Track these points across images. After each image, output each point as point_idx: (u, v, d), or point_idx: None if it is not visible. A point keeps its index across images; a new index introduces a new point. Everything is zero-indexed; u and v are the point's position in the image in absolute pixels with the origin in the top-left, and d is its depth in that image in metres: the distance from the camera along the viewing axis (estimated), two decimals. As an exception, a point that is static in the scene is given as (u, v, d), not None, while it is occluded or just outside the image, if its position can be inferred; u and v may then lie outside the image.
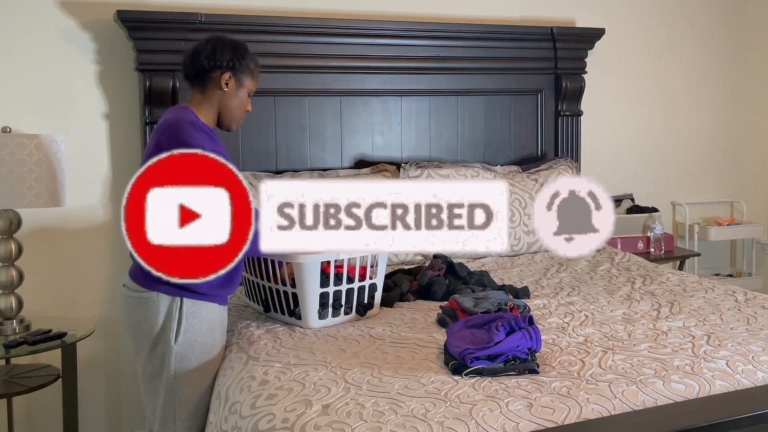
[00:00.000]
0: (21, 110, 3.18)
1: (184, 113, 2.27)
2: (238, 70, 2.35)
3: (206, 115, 2.35)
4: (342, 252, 2.50)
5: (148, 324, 2.24)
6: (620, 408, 1.79)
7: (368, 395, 1.84)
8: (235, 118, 2.40)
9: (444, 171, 3.60)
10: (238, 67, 2.34)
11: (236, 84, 2.35)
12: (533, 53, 3.96)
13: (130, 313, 2.29)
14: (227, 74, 2.33)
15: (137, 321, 2.27)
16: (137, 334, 2.28)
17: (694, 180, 4.61)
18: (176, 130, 2.18)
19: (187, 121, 2.21)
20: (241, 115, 2.41)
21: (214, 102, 2.35)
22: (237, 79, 2.35)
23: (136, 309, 2.26)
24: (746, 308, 2.61)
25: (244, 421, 1.86)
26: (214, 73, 2.33)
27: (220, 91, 2.34)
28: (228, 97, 2.35)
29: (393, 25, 3.67)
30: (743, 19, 4.65)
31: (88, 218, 3.32)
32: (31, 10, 3.20)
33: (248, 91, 2.40)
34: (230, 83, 2.34)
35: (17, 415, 3.15)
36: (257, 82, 2.44)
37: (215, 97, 2.35)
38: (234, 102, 2.37)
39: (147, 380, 2.31)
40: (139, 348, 2.30)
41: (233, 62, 2.33)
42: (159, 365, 2.25)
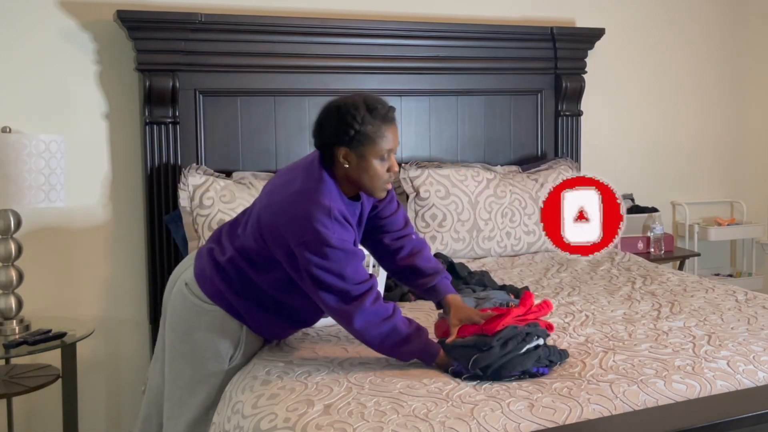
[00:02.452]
0: (21, 110, 3.18)
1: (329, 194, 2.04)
2: (351, 142, 2.04)
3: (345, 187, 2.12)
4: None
5: (202, 336, 2.16)
6: (621, 408, 1.79)
7: (370, 395, 1.84)
8: (375, 187, 2.10)
9: (444, 171, 3.60)
10: (350, 139, 2.04)
11: (356, 156, 2.05)
12: (533, 53, 3.96)
13: (188, 319, 2.19)
14: (342, 150, 2.05)
15: (190, 328, 2.18)
16: (189, 342, 2.19)
17: (694, 180, 4.61)
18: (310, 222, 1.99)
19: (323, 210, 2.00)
20: (379, 183, 2.09)
21: (341, 174, 2.10)
22: (356, 152, 2.05)
23: (193, 316, 2.18)
24: (746, 308, 2.61)
25: (246, 421, 1.86)
26: (332, 149, 2.08)
27: (344, 166, 2.08)
28: (352, 170, 2.07)
29: (393, 25, 3.67)
30: (743, 19, 4.65)
31: (88, 218, 3.32)
32: (31, 10, 3.20)
33: (378, 156, 2.06)
34: (350, 158, 2.06)
35: (17, 415, 3.15)
36: (390, 141, 2.07)
37: (343, 171, 2.09)
38: (361, 174, 2.07)
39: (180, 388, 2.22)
40: (184, 354, 2.20)
41: (341, 136, 2.04)
42: (202, 381, 2.18)
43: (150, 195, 3.28)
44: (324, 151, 2.11)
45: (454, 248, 3.45)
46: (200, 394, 2.19)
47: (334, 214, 2.00)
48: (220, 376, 2.17)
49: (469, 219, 3.51)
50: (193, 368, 2.19)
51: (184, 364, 2.20)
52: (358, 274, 2.03)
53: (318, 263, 1.99)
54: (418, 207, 3.50)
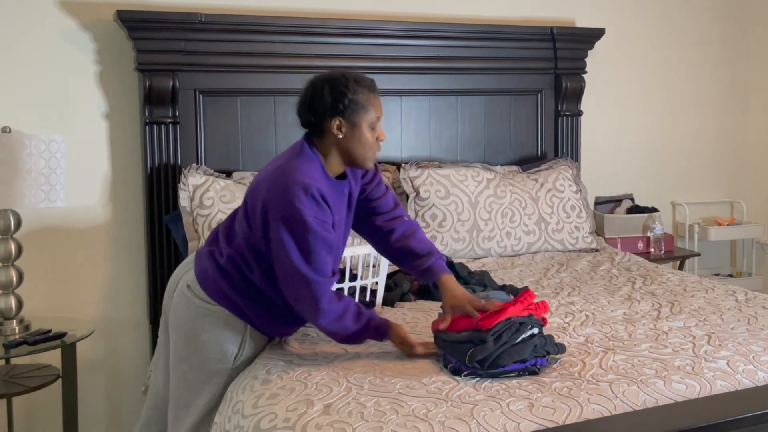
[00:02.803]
0: (21, 110, 3.18)
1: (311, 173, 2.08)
2: (345, 111, 2.12)
3: (331, 162, 2.17)
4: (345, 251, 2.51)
5: (212, 340, 2.17)
6: (621, 408, 1.79)
7: (370, 395, 1.84)
8: (366, 156, 2.18)
9: (444, 171, 3.60)
10: (344, 108, 2.11)
11: (350, 125, 2.13)
12: (533, 53, 3.96)
13: (187, 318, 2.20)
14: (336, 120, 2.12)
15: (198, 332, 2.18)
16: (193, 343, 2.19)
17: (694, 180, 4.61)
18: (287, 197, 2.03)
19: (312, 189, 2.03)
20: (370, 152, 2.18)
21: (333, 147, 2.15)
22: (349, 121, 2.13)
23: (197, 318, 2.18)
24: (746, 308, 2.61)
25: (246, 421, 1.86)
26: (324, 123, 2.13)
27: (335, 137, 2.14)
28: (345, 140, 2.14)
29: (393, 25, 3.67)
30: (743, 19, 4.65)
31: (88, 218, 3.32)
32: (31, 10, 3.20)
33: (369, 124, 2.16)
34: (344, 128, 2.13)
35: (17, 415, 3.15)
36: (377, 109, 2.19)
37: (333, 142, 2.15)
38: (354, 143, 2.14)
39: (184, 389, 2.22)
40: (188, 356, 2.21)
41: (336, 106, 2.11)
42: (206, 380, 2.19)
43: (150, 195, 3.28)
44: (314, 126, 2.16)
45: (454, 248, 3.45)
46: (206, 394, 2.19)
47: (311, 191, 2.03)
48: (225, 376, 2.17)
49: (469, 219, 3.51)
50: (199, 369, 2.19)
51: (190, 365, 2.20)
52: (324, 264, 2.06)
53: (288, 237, 2.02)
54: (418, 207, 3.50)
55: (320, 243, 2.04)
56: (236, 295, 2.16)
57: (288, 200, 2.02)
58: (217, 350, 2.17)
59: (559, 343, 2.09)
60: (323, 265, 2.06)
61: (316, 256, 2.04)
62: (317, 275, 2.04)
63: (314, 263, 2.04)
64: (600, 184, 4.28)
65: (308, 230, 2.01)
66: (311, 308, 2.07)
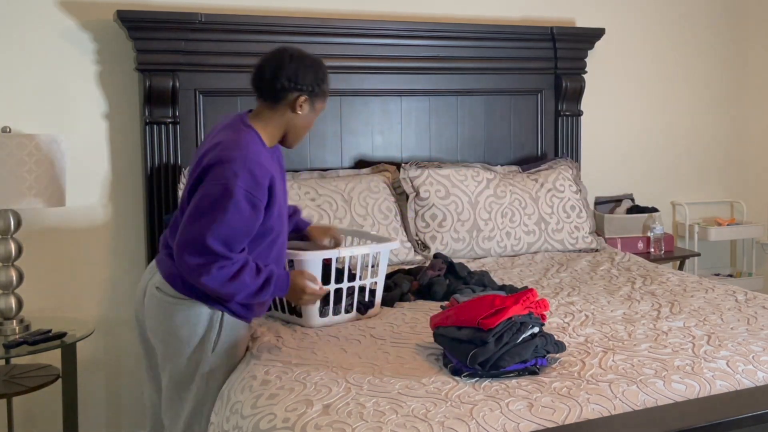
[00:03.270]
0: (21, 110, 3.18)
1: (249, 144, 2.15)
2: (314, 93, 2.25)
3: (271, 134, 2.26)
4: (343, 251, 2.51)
5: (187, 331, 2.20)
6: (620, 408, 1.79)
7: (369, 395, 1.84)
8: (300, 138, 2.32)
9: (444, 171, 3.60)
10: (316, 91, 2.25)
11: (309, 107, 2.26)
12: (533, 53, 3.96)
13: (164, 317, 2.23)
14: (303, 97, 2.23)
15: (173, 327, 2.21)
16: (170, 339, 2.22)
17: (694, 180, 4.61)
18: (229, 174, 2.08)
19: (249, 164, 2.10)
20: (304, 136, 2.33)
21: (282, 121, 2.25)
22: (311, 103, 2.26)
23: (173, 314, 2.21)
24: (746, 308, 2.61)
25: (245, 421, 1.86)
26: (291, 95, 2.22)
27: (293, 112, 2.24)
28: (299, 118, 2.25)
29: (393, 25, 3.67)
30: (743, 19, 4.65)
31: (88, 218, 3.32)
32: (31, 10, 3.20)
33: (319, 112, 2.32)
34: (304, 106, 2.24)
35: (17, 415, 3.15)
36: (326, 103, 2.35)
37: (285, 117, 2.25)
38: (303, 124, 2.27)
39: (174, 387, 2.25)
40: (171, 353, 2.24)
41: (313, 86, 2.23)
42: (191, 372, 2.21)
43: (150, 195, 3.28)
44: (274, 93, 2.22)
45: (454, 248, 3.45)
46: (194, 386, 2.22)
47: (249, 166, 2.09)
48: (206, 366, 2.20)
49: (469, 219, 3.51)
50: (182, 364, 2.22)
51: (174, 363, 2.24)
52: (233, 239, 2.08)
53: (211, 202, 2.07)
54: (418, 207, 3.50)
55: (241, 218, 2.08)
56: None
57: (224, 171, 2.08)
58: (193, 341, 2.20)
59: (559, 341, 2.09)
60: (235, 240, 2.09)
61: (231, 230, 2.07)
62: (223, 247, 2.07)
63: (226, 236, 2.07)
64: (600, 184, 4.28)
65: (234, 203, 2.06)
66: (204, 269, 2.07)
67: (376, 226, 3.34)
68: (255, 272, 2.14)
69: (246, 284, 2.11)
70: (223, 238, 2.07)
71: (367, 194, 3.41)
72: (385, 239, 2.70)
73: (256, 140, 2.19)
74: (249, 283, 2.12)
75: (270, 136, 2.26)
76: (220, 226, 2.06)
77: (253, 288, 2.14)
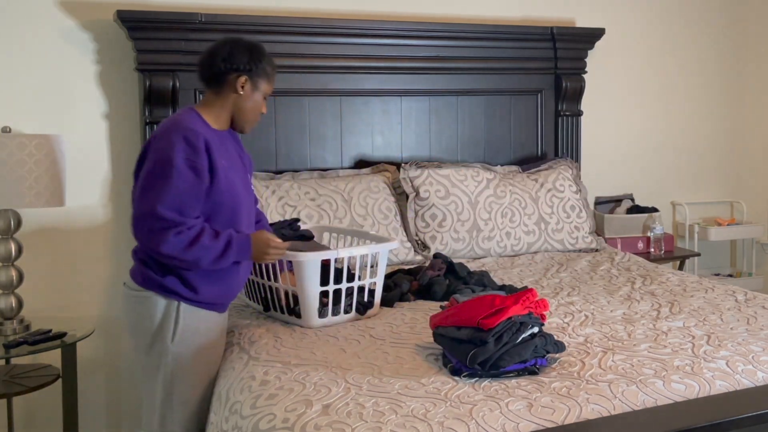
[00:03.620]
0: (21, 110, 3.18)
1: (185, 118, 2.26)
2: (254, 73, 2.32)
3: (218, 117, 2.34)
4: (342, 251, 2.51)
5: (146, 323, 2.27)
6: (620, 408, 1.79)
7: (368, 395, 1.84)
8: (249, 120, 2.38)
9: (444, 171, 3.60)
10: (255, 70, 2.32)
11: (252, 87, 2.33)
12: (533, 53, 3.96)
13: (129, 310, 2.33)
14: (243, 77, 2.31)
15: (135, 319, 2.30)
16: (135, 332, 2.32)
17: (694, 180, 4.61)
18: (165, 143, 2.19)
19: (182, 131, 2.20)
20: (255, 118, 2.39)
21: (228, 104, 2.34)
22: (253, 83, 2.33)
23: (134, 307, 2.30)
24: (746, 308, 2.61)
25: (244, 421, 1.86)
26: (230, 76, 2.30)
27: (235, 94, 2.32)
28: (243, 99, 2.33)
29: (393, 25, 3.67)
30: (743, 19, 4.65)
31: (88, 218, 3.32)
32: (31, 10, 3.20)
33: (263, 93, 2.38)
34: (246, 86, 2.32)
35: (17, 415, 3.15)
36: (273, 85, 2.42)
37: (230, 100, 2.33)
38: (248, 104, 2.35)
39: (146, 379, 2.33)
40: (137, 346, 2.33)
41: (250, 65, 2.31)
42: (156, 363, 2.27)
43: (150, 195, 3.27)
44: (217, 77, 2.31)
45: (454, 248, 3.45)
46: (159, 378, 2.28)
47: (188, 136, 2.18)
48: (168, 356, 2.25)
49: (469, 219, 3.51)
50: (150, 355, 2.28)
51: (143, 354, 2.31)
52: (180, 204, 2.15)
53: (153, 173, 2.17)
54: (418, 207, 3.50)
55: (184, 184, 2.16)
56: (159, 276, 2.25)
57: (163, 144, 2.18)
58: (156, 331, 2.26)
59: (559, 341, 2.09)
60: (185, 206, 2.16)
61: (179, 197, 2.15)
62: (174, 213, 2.14)
63: (175, 203, 2.15)
64: (600, 184, 4.28)
65: (176, 171, 2.15)
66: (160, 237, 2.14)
67: (376, 226, 3.34)
68: (214, 236, 2.20)
69: (206, 247, 2.17)
70: (172, 205, 2.14)
71: (367, 194, 3.41)
72: (385, 239, 2.69)
73: (193, 116, 2.28)
74: (209, 245, 2.17)
75: (215, 118, 2.33)
76: (167, 195, 2.14)
77: (216, 251, 2.19)
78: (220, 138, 2.33)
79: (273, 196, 3.26)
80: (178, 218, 2.14)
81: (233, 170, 2.32)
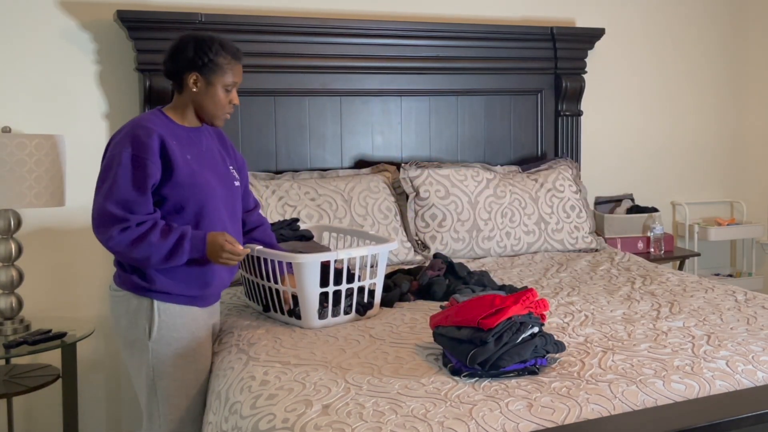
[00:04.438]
0: (21, 110, 3.18)
1: (144, 117, 2.30)
2: (204, 68, 2.28)
3: (183, 114, 2.35)
4: (341, 252, 2.51)
5: (124, 321, 2.31)
6: (620, 408, 1.79)
7: (368, 395, 1.84)
8: (216, 115, 2.35)
9: (444, 171, 3.60)
10: (202, 65, 2.28)
11: (205, 83, 2.29)
12: (533, 53, 3.96)
13: (111, 312, 2.39)
14: (193, 75, 2.29)
15: (116, 318, 2.35)
16: (118, 331, 2.36)
17: (694, 180, 4.61)
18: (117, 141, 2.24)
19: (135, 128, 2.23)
20: (220, 112, 2.35)
21: (188, 101, 2.33)
22: (205, 78, 2.29)
23: (114, 307, 2.35)
24: (746, 308, 2.61)
25: (244, 421, 1.86)
26: (183, 75, 2.30)
27: (192, 91, 2.31)
28: (199, 96, 2.31)
29: (393, 25, 3.67)
30: (743, 19, 4.65)
31: (88, 218, 3.28)
32: (31, 10, 3.20)
33: (223, 86, 2.31)
34: (199, 83, 2.30)
35: (17, 415, 3.15)
36: (236, 75, 2.33)
37: (188, 97, 2.33)
38: (206, 100, 2.31)
39: (133, 378, 2.39)
40: (122, 346, 2.37)
41: (195, 61, 2.27)
42: (139, 362, 2.31)
43: (150, 195, 3.28)
44: (174, 77, 2.32)
45: (453, 248, 3.45)
46: (142, 375, 2.32)
47: (134, 131, 2.21)
48: (148, 354, 2.28)
49: (469, 219, 3.51)
50: (132, 353, 2.33)
51: (127, 353, 2.36)
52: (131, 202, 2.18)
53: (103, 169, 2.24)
54: (418, 207, 3.50)
55: (128, 180, 2.17)
56: (135, 275, 2.28)
57: (117, 141, 2.22)
58: (134, 329, 2.29)
59: (559, 341, 2.09)
60: (130, 202, 2.18)
61: (123, 193, 2.17)
62: (119, 209, 2.16)
63: (119, 199, 2.17)
64: (600, 184, 4.28)
65: (120, 165, 2.17)
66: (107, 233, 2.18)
67: (375, 226, 3.34)
68: (164, 232, 2.19)
69: (153, 244, 2.17)
70: (118, 201, 2.17)
71: (367, 194, 3.41)
72: (385, 239, 2.69)
73: (155, 114, 2.31)
74: (157, 243, 2.17)
75: (181, 115, 2.35)
76: (113, 192, 2.17)
77: (165, 248, 2.19)
78: (190, 134, 2.34)
79: (273, 196, 3.26)
80: (125, 215, 2.16)
81: (201, 164, 2.32)
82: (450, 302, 2.39)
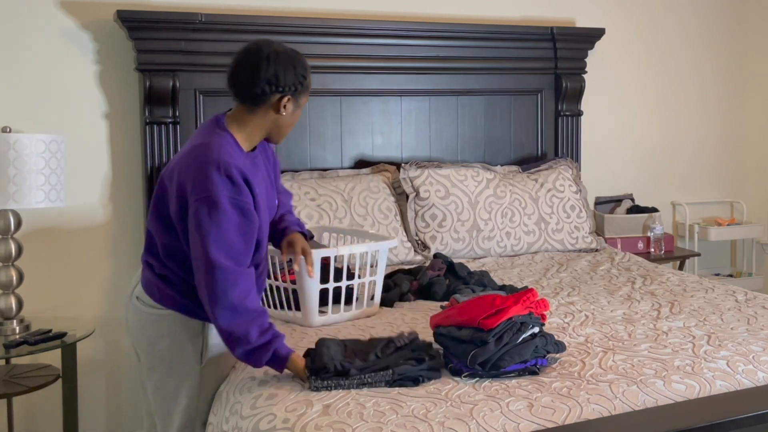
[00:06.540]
0: (21, 110, 3.18)
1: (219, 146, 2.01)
2: (299, 92, 2.10)
3: (251, 136, 2.11)
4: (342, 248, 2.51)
5: (166, 343, 2.12)
6: (620, 408, 1.79)
7: (369, 395, 1.84)
8: (286, 135, 2.18)
9: (444, 171, 3.60)
10: (299, 90, 2.10)
11: (294, 106, 2.11)
12: (533, 53, 3.96)
13: (144, 329, 2.16)
14: (287, 97, 2.08)
15: (153, 338, 2.14)
16: (152, 351, 2.15)
17: (694, 180, 4.61)
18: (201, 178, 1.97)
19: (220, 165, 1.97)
20: (290, 130, 2.20)
21: (266, 123, 2.10)
22: (296, 101, 2.11)
23: (152, 326, 2.14)
24: (746, 308, 2.61)
25: (244, 422, 1.86)
26: (273, 97, 2.06)
27: (276, 113, 2.09)
28: (283, 119, 2.11)
29: (393, 25, 3.67)
30: (743, 19, 4.65)
31: (88, 218, 3.32)
32: (31, 10, 3.20)
33: (304, 105, 2.17)
34: (288, 106, 2.09)
35: (17, 415, 3.15)
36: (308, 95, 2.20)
37: (268, 119, 2.10)
38: (288, 121, 2.13)
39: (161, 399, 2.17)
40: (153, 365, 2.16)
41: (296, 86, 2.08)
42: (177, 386, 2.14)
43: (150, 195, 3.27)
44: (254, 97, 2.06)
45: (454, 248, 3.45)
46: (183, 399, 2.14)
47: (226, 171, 1.96)
48: (193, 380, 2.13)
49: (469, 219, 3.51)
50: (168, 375, 2.14)
51: (159, 374, 2.16)
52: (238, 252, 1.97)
53: (201, 220, 1.95)
54: (418, 207, 3.50)
55: (234, 228, 1.97)
56: (180, 296, 2.10)
57: (202, 182, 1.95)
58: (180, 353, 2.12)
59: (559, 341, 2.09)
60: (237, 252, 1.98)
61: (229, 242, 1.96)
62: (228, 261, 1.95)
63: (226, 249, 1.95)
64: (600, 184, 4.28)
65: (222, 213, 1.95)
66: (215, 297, 1.95)
67: (376, 225, 3.34)
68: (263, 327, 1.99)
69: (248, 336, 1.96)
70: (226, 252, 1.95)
71: (367, 194, 3.41)
72: (385, 239, 2.69)
73: (228, 142, 2.05)
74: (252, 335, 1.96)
75: (249, 138, 2.12)
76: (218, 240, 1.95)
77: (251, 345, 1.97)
78: (253, 162, 2.12)
79: (273, 196, 3.26)
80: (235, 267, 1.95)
81: (265, 193, 2.16)
82: (450, 302, 2.39)
